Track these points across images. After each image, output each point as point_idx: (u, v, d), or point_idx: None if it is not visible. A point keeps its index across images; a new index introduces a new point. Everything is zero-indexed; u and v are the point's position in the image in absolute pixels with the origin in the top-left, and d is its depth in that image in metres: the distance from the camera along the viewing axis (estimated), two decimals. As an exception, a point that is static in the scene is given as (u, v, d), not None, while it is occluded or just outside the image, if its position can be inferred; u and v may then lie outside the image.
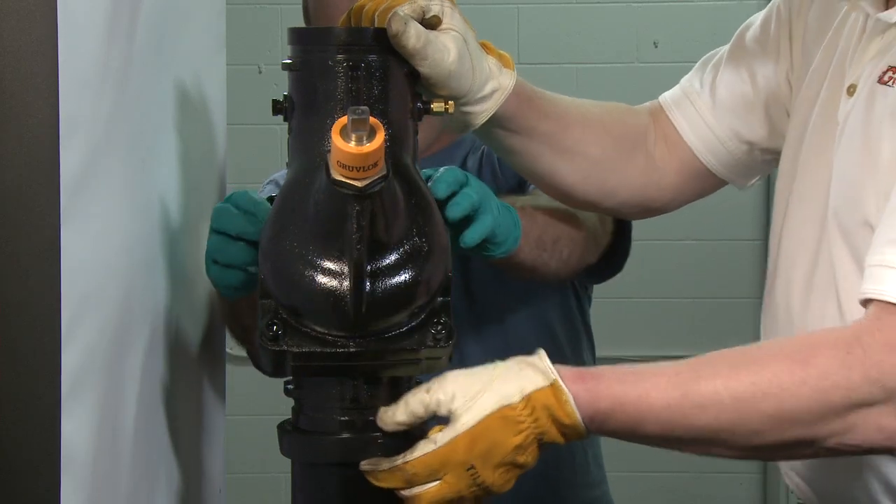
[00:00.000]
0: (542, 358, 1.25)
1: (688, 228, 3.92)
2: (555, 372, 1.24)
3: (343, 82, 1.23)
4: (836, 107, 1.48)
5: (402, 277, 1.22)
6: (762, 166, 1.69)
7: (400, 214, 1.22)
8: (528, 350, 1.29)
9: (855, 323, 1.29)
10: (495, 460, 1.23)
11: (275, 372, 1.27)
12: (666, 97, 1.71)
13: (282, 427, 1.31)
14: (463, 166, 1.93)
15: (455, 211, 1.40)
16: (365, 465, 1.25)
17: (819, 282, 1.46)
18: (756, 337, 1.56)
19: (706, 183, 1.69)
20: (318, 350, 1.23)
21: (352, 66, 1.23)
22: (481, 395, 1.23)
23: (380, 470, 1.25)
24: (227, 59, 1.74)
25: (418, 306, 1.25)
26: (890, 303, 1.26)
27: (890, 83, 1.40)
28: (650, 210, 1.69)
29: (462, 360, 1.31)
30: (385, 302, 1.21)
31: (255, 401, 3.18)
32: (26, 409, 1.03)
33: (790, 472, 1.55)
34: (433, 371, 1.30)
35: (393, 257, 1.22)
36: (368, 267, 1.19)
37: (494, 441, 1.22)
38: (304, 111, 1.26)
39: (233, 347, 1.80)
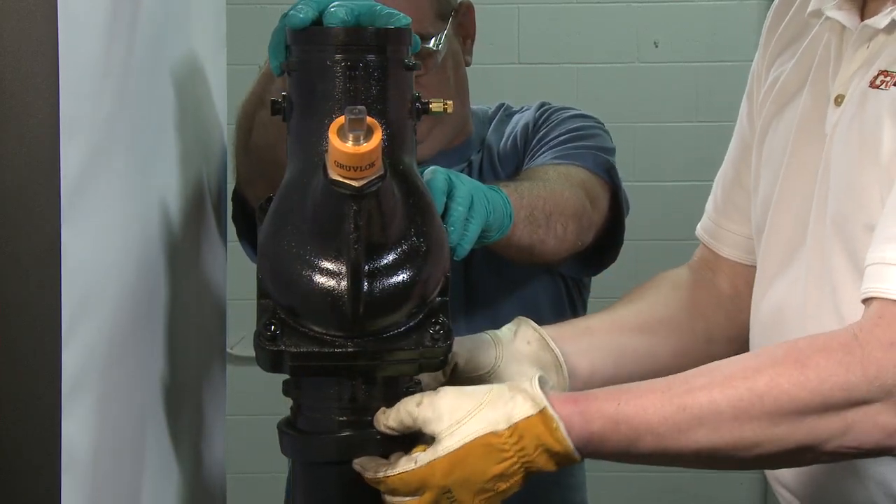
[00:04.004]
0: (533, 384, 1.23)
1: (689, 229, 3.91)
2: (545, 399, 1.22)
3: (341, 82, 1.23)
4: (822, 118, 1.47)
5: (400, 277, 1.22)
6: None
7: (398, 214, 1.22)
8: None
9: (852, 323, 1.27)
10: (474, 487, 1.22)
11: (272, 371, 1.27)
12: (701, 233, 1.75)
13: (281, 427, 1.32)
14: (469, 164, 1.95)
15: (455, 243, 1.40)
16: (356, 464, 1.26)
17: (813, 289, 1.45)
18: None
19: None
20: (316, 350, 1.23)
21: (350, 66, 1.23)
22: (467, 421, 1.22)
23: (365, 476, 1.25)
24: (227, 59, 1.74)
25: (416, 306, 1.25)
26: (891, 300, 1.25)
27: (883, 86, 1.39)
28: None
29: None
30: (383, 302, 1.21)
31: (255, 401, 3.18)
32: (26, 409, 1.03)
33: (775, 483, 1.54)
34: (430, 371, 1.31)
35: (391, 257, 1.22)
36: (366, 267, 1.20)
37: (474, 468, 1.21)
38: (303, 111, 1.26)
39: (233, 347, 1.80)
